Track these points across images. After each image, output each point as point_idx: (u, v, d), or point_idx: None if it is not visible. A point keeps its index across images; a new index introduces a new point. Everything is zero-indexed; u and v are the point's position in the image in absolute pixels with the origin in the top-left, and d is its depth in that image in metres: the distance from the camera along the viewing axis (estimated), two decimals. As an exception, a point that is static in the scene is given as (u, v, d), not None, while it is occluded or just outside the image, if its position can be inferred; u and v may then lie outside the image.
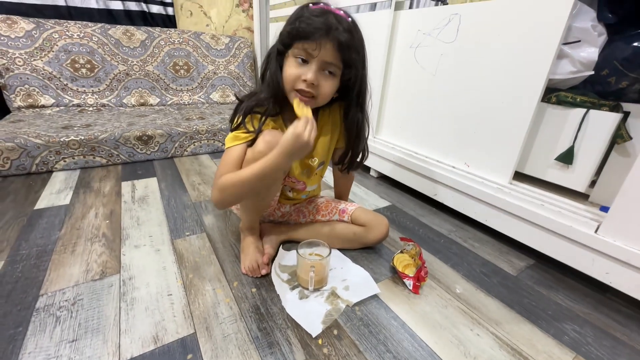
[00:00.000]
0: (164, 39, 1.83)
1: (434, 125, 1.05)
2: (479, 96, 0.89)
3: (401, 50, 1.12)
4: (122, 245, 0.78)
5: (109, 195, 1.03)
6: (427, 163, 1.07)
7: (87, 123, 1.35)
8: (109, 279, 0.67)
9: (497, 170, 0.89)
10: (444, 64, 0.97)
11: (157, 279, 0.68)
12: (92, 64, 1.64)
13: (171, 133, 1.39)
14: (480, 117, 0.90)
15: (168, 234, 0.84)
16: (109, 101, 1.69)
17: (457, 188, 0.97)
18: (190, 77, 1.93)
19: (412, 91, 1.11)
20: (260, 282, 0.68)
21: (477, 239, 0.93)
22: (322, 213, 0.82)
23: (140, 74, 1.77)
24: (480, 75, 0.88)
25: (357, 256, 0.79)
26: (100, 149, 1.25)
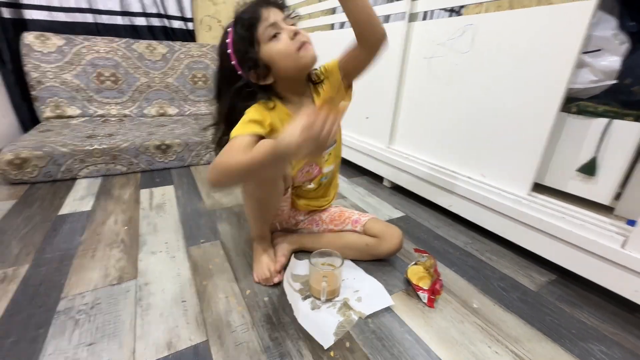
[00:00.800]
0: (183, 52, 1.90)
1: (448, 135, 1.04)
2: (495, 106, 0.88)
3: (415, 61, 1.12)
4: (140, 251, 0.80)
5: (128, 202, 1.07)
6: (441, 174, 1.05)
7: (109, 132, 1.41)
8: (126, 284, 0.68)
9: (515, 181, 0.87)
10: (459, 74, 0.97)
11: (172, 285, 0.69)
12: (117, 77, 1.72)
13: (188, 142, 1.43)
14: (497, 127, 0.89)
15: (183, 241, 0.86)
16: (130, 111, 1.77)
17: (473, 199, 0.95)
18: (209, 89, 1.99)
19: (426, 101, 1.10)
20: (272, 291, 0.68)
21: (495, 251, 0.90)
22: (335, 223, 0.82)
23: (161, 86, 1.84)
24: (496, 85, 0.87)
25: (370, 267, 0.78)
26: (121, 158, 1.29)
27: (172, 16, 1.88)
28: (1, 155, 1.11)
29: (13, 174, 1.14)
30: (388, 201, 1.20)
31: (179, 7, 1.88)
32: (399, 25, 1.12)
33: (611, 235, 0.69)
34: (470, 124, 0.96)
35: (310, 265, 0.65)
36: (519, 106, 0.82)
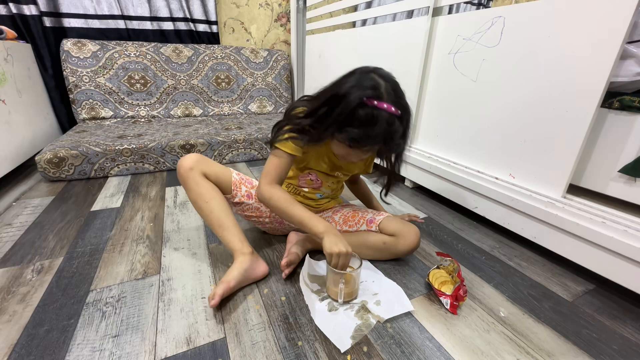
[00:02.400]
0: (208, 55, 1.95)
1: (474, 133, 0.99)
2: (526, 102, 0.83)
3: (439, 57, 1.08)
4: (163, 247, 0.83)
5: (154, 199, 1.11)
6: (466, 174, 1.01)
7: (138, 133, 1.47)
8: (150, 279, 0.71)
9: (548, 183, 0.81)
10: (486, 70, 0.92)
11: (192, 281, 0.70)
12: (146, 80, 1.79)
13: (211, 142, 1.46)
14: (528, 125, 0.83)
15: (204, 238, 0.87)
16: (158, 113, 1.84)
17: (501, 201, 0.90)
18: (231, 90, 2.04)
19: (450, 98, 1.06)
20: (290, 291, 0.68)
21: (525, 257, 0.85)
22: (350, 224, 0.80)
23: (186, 88, 1.90)
24: (528, 80, 0.82)
25: (389, 269, 0.76)
26: (149, 157, 1.35)
27: (197, 19, 1.93)
28: (42, 154, 1.19)
29: (52, 171, 1.22)
30: (410, 202, 1.16)
31: (203, 11, 1.93)
32: (422, 20, 1.08)
33: (659, 243, 0.62)
34: (499, 122, 0.91)
35: (327, 266, 0.64)
36: (553, 102, 0.77)
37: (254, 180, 0.82)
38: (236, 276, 0.64)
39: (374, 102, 0.56)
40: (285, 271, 0.70)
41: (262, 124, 1.79)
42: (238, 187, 0.76)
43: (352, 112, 0.56)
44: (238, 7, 2.05)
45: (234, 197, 0.76)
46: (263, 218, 0.82)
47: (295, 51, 2.15)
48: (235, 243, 0.69)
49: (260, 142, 1.59)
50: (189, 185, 0.70)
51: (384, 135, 0.57)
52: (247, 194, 0.78)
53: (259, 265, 0.70)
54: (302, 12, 2.04)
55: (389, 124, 0.57)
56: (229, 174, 0.76)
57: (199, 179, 0.70)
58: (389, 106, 0.57)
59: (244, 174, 0.80)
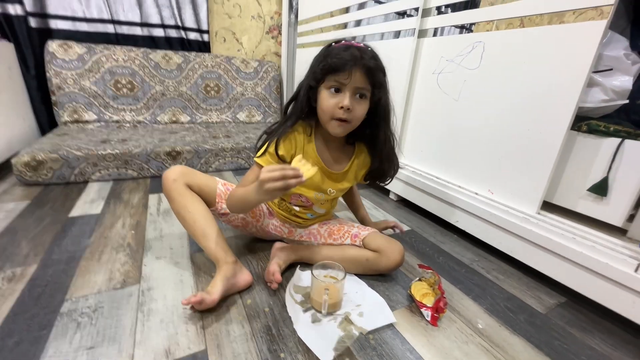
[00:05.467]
0: (198, 63, 1.95)
1: (456, 150, 1.04)
2: (503, 122, 0.88)
3: (424, 76, 1.13)
4: (145, 255, 0.81)
5: (136, 206, 1.08)
6: (448, 188, 1.04)
7: (123, 138, 1.44)
8: (129, 288, 0.69)
9: (524, 199, 0.85)
10: (467, 90, 0.97)
11: (174, 291, 0.69)
12: (133, 85, 1.77)
13: (198, 150, 1.45)
14: (505, 144, 0.88)
15: (187, 247, 0.86)
16: (144, 118, 1.81)
17: (480, 215, 0.94)
18: (220, 98, 2.04)
19: (434, 115, 1.10)
20: (273, 302, 0.68)
21: (502, 270, 0.88)
22: (334, 237, 0.81)
23: (175, 94, 1.89)
24: (505, 102, 0.87)
25: (372, 281, 0.77)
26: (133, 163, 1.32)
27: (188, 28, 1.94)
28: (19, 157, 1.14)
29: (28, 175, 1.17)
30: (394, 214, 1.19)
31: (195, 20, 1.95)
32: (409, 41, 1.14)
33: (624, 259, 0.66)
34: (479, 140, 0.95)
35: (312, 277, 0.64)
36: (528, 123, 0.82)
37: None
38: (220, 289, 0.64)
39: (342, 42, 0.63)
40: (274, 284, 0.70)
41: (250, 133, 1.80)
42: (223, 199, 0.76)
43: (323, 60, 0.62)
44: (230, 18, 2.08)
45: (219, 209, 0.76)
46: (250, 228, 0.82)
47: (286, 63, 2.19)
48: (219, 252, 0.68)
49: (248, 151, 1.59)
50: (172, 197, 0.70)
51: (359, 56, 0.60)
52: None
53: (242, 274, 0.70)
54: (294, 26, 2.09)
55: (361, 50, 0.61)
56: (214, 185, 0.76)
57: (183, 190, 0.70)
58: (358, 44, 0.62)
59: (230, 184, 0.80)
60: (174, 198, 0.70)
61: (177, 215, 0.71)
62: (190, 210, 0.70)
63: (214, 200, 0.75)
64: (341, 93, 0.63)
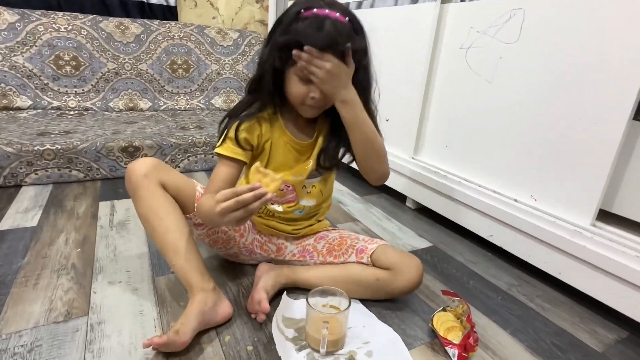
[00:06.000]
0: (162, 34, 1.96)
1: (490, 145, 1.05)
2: (550, 109, 0.89)
3: (449, 52, 1.14)
4: (94, 280, 0.81)
5: (83, 217, 1.08)
6: (480, 194, 1.05)
7: (66, 129, 1.44)
8: (75, 322, 0.69)
9: (575, 207, 0.86)
10: (504, 69, 0.98)
11: (132, 325, 0.69)
12: (78, 61, 1.78)
13: (162, 144, 1.46)
14: (552, 138, 0.89)
15: (149, 269, 0.86)
16: (93, 104, 1.82)
17: (521, 228, 0.95)
18: (190, 78, 2.05)
19: (462, 101, 1.12)
20: (259, 339, 0.68)
21: (549, 298, 0.88)
22: (335, 254, 0.81)
23: (132, 74, 1.90)
24: (551, 84, 0.88)
25: (384, 311, 0.77)
26: (79, 161, 1.32)
27: (150, -11, 1.95)
28: None
29: (-56, 177, 1.17)
30: (411, 227, 1.19)
31: (159, -21, 1.96)
32: (429, 7, 1.15)
33: (700, 282, 0.67)
34: (519, 132, 0.96)
35: (307, 307, 0.65)
36: (580, 112, 0.83)
37: None
38: (193, 326, 0.63)
39: (313, 11, 0.62)
40: (261, 315, 0.70)
41: (228, 124, 1.80)
42: None
43: (289, 32, 0.63)
44: (203, -23, 2.09)
45: (196, 217, 0.76)
46: (231, 246, 0.83)
47: (274, 34, 2.20)
48: (194, 276, 0.68)
49: (225, 147, 1.59)
50: (140, 196, 0.69)
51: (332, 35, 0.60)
52: None
53: (221, 305, 0.70)
54: (284, -13, 2.11)
55: (336, 25, 0.61)
56: (193, 187, 0.76)
57: (155, 189, 0.69)
58: (332, 12, 0.62)
59: None
60: (143, 198, 0.69)
61: (144, 222, 0.71)
62: (162, 216, 0.69)
63: (192, 206, 0.75)
64: (311, 83, 0.66)
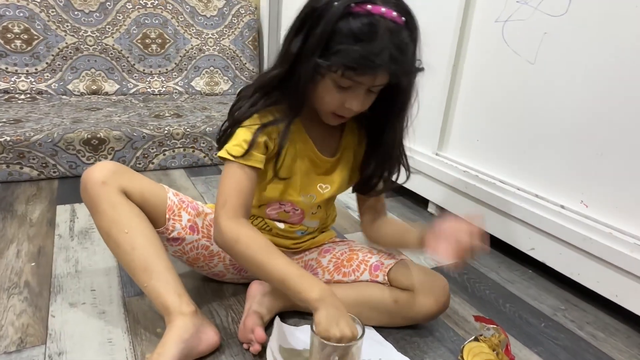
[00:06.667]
0: (131, 1, 1.96)
1: (531, 140, 1.05)
2: (604, 97, 0.89)
3: (481, 26, 1.14)
4: (52, 301, 0.81)
5: (38, 224, 1.08)
6: (519, 199, 1.05)
7: (15, 117, 1.44)
8: (30, 352, 0.68)
9: (634, 217, 0.86)
10: (549, 48, 0.98)
11: (99, 356, 0.69)
12: (30, 34, 1.77)
13: (133, 136, 1.45)
14: (607, 132, 0.89)
15: (119, 288, 0.86)
16: (48, 86, 1.81)
17: (568, 240, 0.94)
18: (165, 56, 2.04)
19: (497, 87, 1.11)
20: (252, 374, 0.68)
21: (602, 325, 0.89)
22: (344, 271, 0.81)
23: (95, 50, 1.89)
24: (607, 65, 0.88)
25: (402, 341, 0.77)
26: (32, 156, 1.32)
27: (117, -53, 1.95)
28: None
29: None
30: (435, 238, 1.19)
31: None
32: (459, -28, 1.15)
33: None
34: (567, 125, 0.96)
35: (312, 335, 0.65)
36: (641, 100, 0.83)
37: (199, 203, 0.83)
38: (172, 357, 0.63)
39: (367, 7, 0.59)
40: (256, 346, 0.70)
41: (212, 111, 1.80)
42: (176, 215, 0.76)
43: (335, 30, 0.60)
44: None
45: (170, 230, 0.76)
46: (215, 263, 0.83)
47: (268, 2, 2.19)
48: (170, 297, 0.68)
49: (209, 139, 1.59)
50: (99, 208, 0.70)
51: (391, 52, 0.59)
52: (190, 224, 0.78)
53: (206, 332, 0.70)
54: (280, -54, 2.10)
55: (393, 34, 0.59)
56: (163, 194, 0.76)
57: (117, 198, 0.70)
58: (389, 10, 0.59)
59: (184, 195, 0.81)
60: (103, 210, 0.70)
61: (106, 238, 0.71)
62: (127, 229, 0.69)
63: (163, 217, 0.75)
64: (350, 91, 0.65)
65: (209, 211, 0.82)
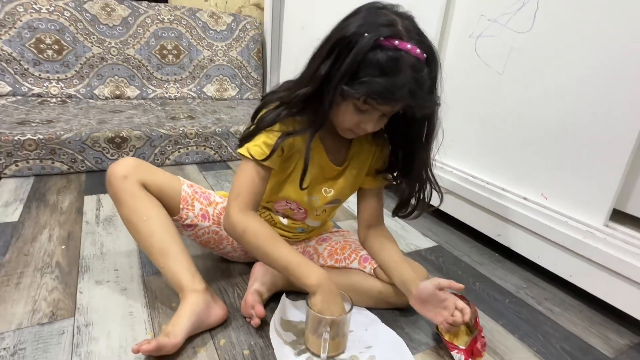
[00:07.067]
0: (151, 17, 1.94)
1: (498, 140, 1.05)
2: (562, 104, 0.89)
3: (457, 41, 1.14)
4: (80, 279, 0.81)
5: (67, 212, 1.08)
6: (487, 191, 1.06)
7: (48, 118, 1.43)
8: (60, 323, 0.69)
9: (588, 207, 0.87)
10: (515, 61, 0.98)
11: (121, 327, 0.69)
12: (61, 45, 1.75)
13: (151, 135, 1.45)
14: (564, 132, 0.89)
15: (139, 268, 0.86)
16: (77, 91, 1.80)
17: (530, 228, 0.95)
18: (180, 65, 2.03)
19: (470, 93, 1.12)
20: (256, 342, 0.68)
21: (558, 301, 0.90)
22: (337, 257, 0.82)
23: (119, 59, 1.88)
24: (564, 77, 0.88)
25: (387, 315, 0.78)
26: (62, 152, 1.31)
27: (138, -32, 1.93)
28: None
29: None
30: (415, 225, 1.20)
31: (147, -43, 1.93)
32: (438, -7, 1.14)
33: None
34: (530, 126, 0.97)
35: (307, 309, 0.65)
36: (594, 105, 0.83)
37: (212, 193, 0.82)
38: (186, 326, 0.64)
39: (395, 42, 0.57)
40: (256, 319, 0.70)
41: (221, 113, 1.80)
42: (189, 205, 0.77)
43: (364, 60, 0.57)
44: (195, -44, 2.07)
45: (184, 218, 0.76)
46: (224, 246, 0.83)
47: (271, 19, 2.18)
48: (184, 276, 0.69)
49: (218, 138, 1.59)
50: (122, 199, 0.70)
51: (410, 87, 0.58)
52: (202, 213, 0.78)
53: (215, 307, 0.70)
54: (282, -31, 2.09)
55: (415, 70, 0.58)
56: (178, 186, 0.77)
57: (137, 190, 0.70)
58: (413, 47, 0.58)
59: (198, 185, 0.81)
60: (125, 201, 0.70)
61: (128, 225, 0.72)
62: (145, 217, 0.70)
63: (178, 207, 0.75)
64: (367, 114, 0.65)
65: (219, 200, 0.82)
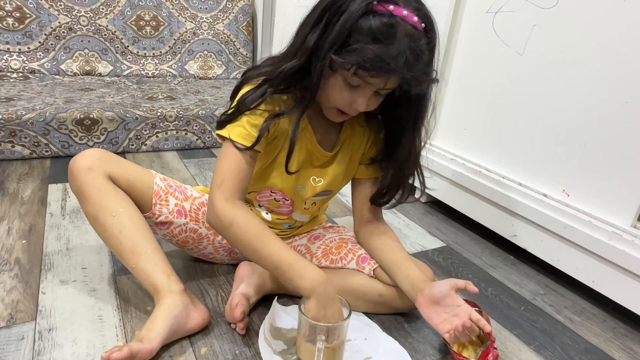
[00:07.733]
0: (126, -18, 1.91)
1: (517, 129, 1.04)
2: (590, 89, 0.88)
3: (472, 17, 1.12)
4: (43, 278, 0.80)
5: (29, 202, 1.06)
6: (503, 186, 1.05)
7: (7, 96, 1.41)
8: (20, 327, 0.68)
9: (614, 206, 0.87)
10: (538, 40, 0.97)
11: (89, 333, 0.68)
12: (23, 12, 1.72)
13: (125, 117, 1.43)
14: (591, 124, 0.89)
15: (110, 266, 0.85)
16: (41, 66, 1.77)
17: (549, 228, 0.95)
18: (159, 38, 2.00)
19: (486, 76, 1.11)
20: (241, 351, 0.68)
21: (579, 309, 0.90)
22: (332, 258, 0.81)
23: (89, 30, 1.85)
24: (594, 60, 0.87)
25: (388, 322, 0.78)
26: (23, 135, 1.30)
27: None
28: None
29: None
30: (421, 223, 1.20)
31: None
32: (452, -38, 1.13)
33: None
34: (552, 115, 0.96)
35: (300, 315, 0.65)
36: (626, 92, 0.83)
37: (188, 187, 0.82)
38: (162, 331, 0.63)
39: (389, 8, 0.56)
40: (240, 325, 0.70)
41: (205, 94, 1.78)
42: (163, 200, 0.76)
43: (355, 26, 0.56)
44: None
45: (157, 214, 0.75)
46: (204, 245, 0.82)
47: (262, -12, 2.15)
48: (158, 277, 0.68)
49: (202, 122, 1.57)
50: (86, 193, 0.70)
51: (407, 57, 0.56)
52: (177, 209, 0.77)
53: (195, 310, 0.70)
54: None
55: (412, 39, 0.57)
56: (150, 179, 0.76)
57: (103, 183, 0.70)
58: (410, 14, 0.57)
59: (172, 179, 0.80)
60: (90, 195, 0.69)
61: (93, 222, 0.71)
62: (113, 213, 0.69)
63: (150, 202, 0.74)
64: (359, 90, 0.63)
65: (197, 195, 0.81)
